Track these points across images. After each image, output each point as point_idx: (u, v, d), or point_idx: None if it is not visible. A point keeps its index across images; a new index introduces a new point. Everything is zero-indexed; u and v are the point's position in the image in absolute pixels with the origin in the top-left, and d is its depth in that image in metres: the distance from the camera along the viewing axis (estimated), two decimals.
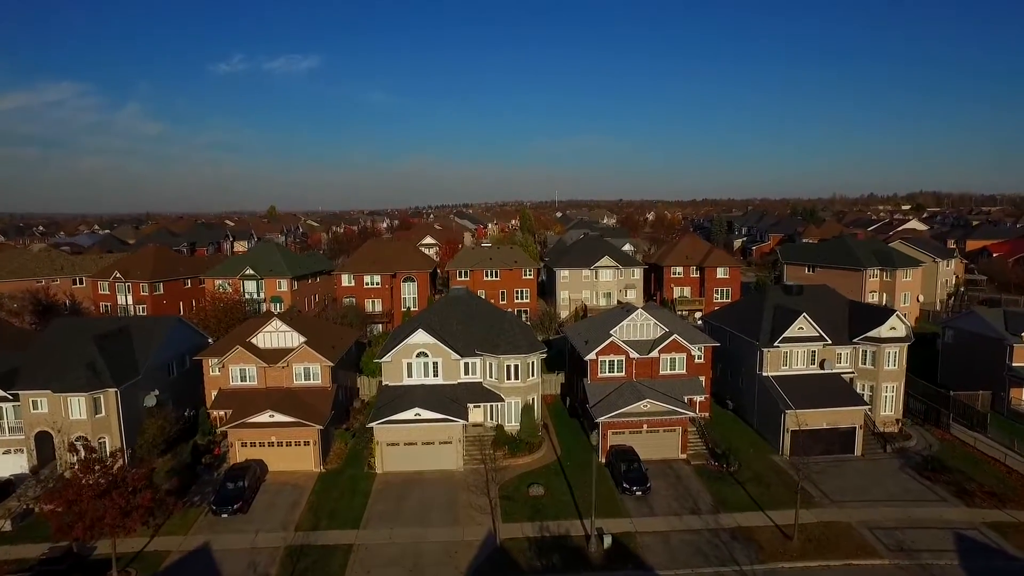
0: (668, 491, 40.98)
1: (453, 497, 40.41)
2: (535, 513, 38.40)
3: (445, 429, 43.69)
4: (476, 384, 48.19)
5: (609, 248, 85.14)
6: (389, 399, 45.70)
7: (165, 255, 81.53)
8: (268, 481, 42.50)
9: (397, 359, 47.65)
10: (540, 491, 40.65)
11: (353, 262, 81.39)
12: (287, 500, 40.11)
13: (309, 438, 43.53)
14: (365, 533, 36.63)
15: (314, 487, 41.81)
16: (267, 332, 48.37)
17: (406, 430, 43.52)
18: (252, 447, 43.60)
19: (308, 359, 47.17)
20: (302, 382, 47.52)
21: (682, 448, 45.71)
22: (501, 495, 40.01)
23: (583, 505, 39.15)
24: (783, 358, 48.92)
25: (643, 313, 49.86)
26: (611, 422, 44.57)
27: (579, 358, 51.79)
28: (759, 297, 54.62)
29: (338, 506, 39.42)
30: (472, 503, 39.34)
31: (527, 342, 48.11)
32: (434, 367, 48.10)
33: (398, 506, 39.35)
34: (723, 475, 42.90)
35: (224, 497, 38.42)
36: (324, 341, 49.91)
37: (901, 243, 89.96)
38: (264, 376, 47.27)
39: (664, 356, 48.82)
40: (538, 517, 37.97)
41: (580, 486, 41.63)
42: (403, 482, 42.22)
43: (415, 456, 43.78)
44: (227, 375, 47.40)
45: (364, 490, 41.35)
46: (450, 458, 44.04)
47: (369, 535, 36.44)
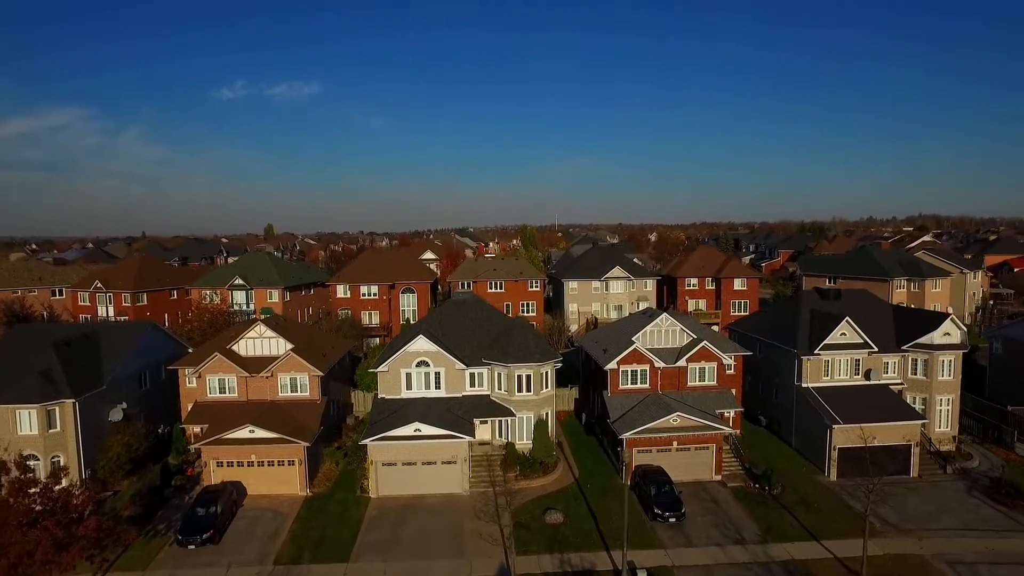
0: (705, 517, 35.55)
1: (458, 525, 34.94)
2: (554, 544, 32.95)
3: (448, 447, 38.34)
4: (483, 397, 42.96)
5: (620, 258, 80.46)
6: (385, 414, 40.43)
7: (150, 264, 76.67)
8: (246, 506, 36.99)
9: (395, 369, 42.50)
10: (558, 518, 35.22)
11: (349, 272, 76.51)
12: (267, 528, 34.61)
13: (294, 457, 38.15)
14: (356, 567, 31.14)
15: (298, 513, 36.29)
16: (250, 339, 43.26)
17: (404, 448, 38.18)
18: (229, 467, 38.16)
19: (295, 368, 41.99)
20: (288, 394, 42.26)
21: (716, 468, 40.33)
22: (514, 523, 34.58)
23: (609, 534, 33.76)
24: (824, 368, 43.83)
25: (668, 317, 44.90)
26: (636, 439, 39.28)
27: (596, 369, 46.66)
28: (791, 303, 49.78)
29: (325, 535, 33.92)
30: (480, 532, 33.89)
31: (540, 350, 43.03)
32: (436, 378, 42.92)
33: (395, 535, 33.86)
34: (765, 499, 37.49)
35: (192, 525, 32.91)
36: (314, 349, 44.79)
37: (925, 254, 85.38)
38: (246, 387, 42.02)
39: (692, 366, 43.72)
40: (557, 548, 32.52)
41: (604, 512, 36.23)
42: (401, 508, 36.77)
43: (414, 478, 38.36)
44: (204, 386, 42.14)
45: (356, 517, 35.87)
46: (454, 480, 38.62)
47: (360, 569, 30.95)
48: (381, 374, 42.65)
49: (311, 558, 31.80)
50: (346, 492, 38.82)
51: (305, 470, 38.30)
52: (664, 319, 44.78)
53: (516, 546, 32.39)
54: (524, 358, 41.70)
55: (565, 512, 35.83)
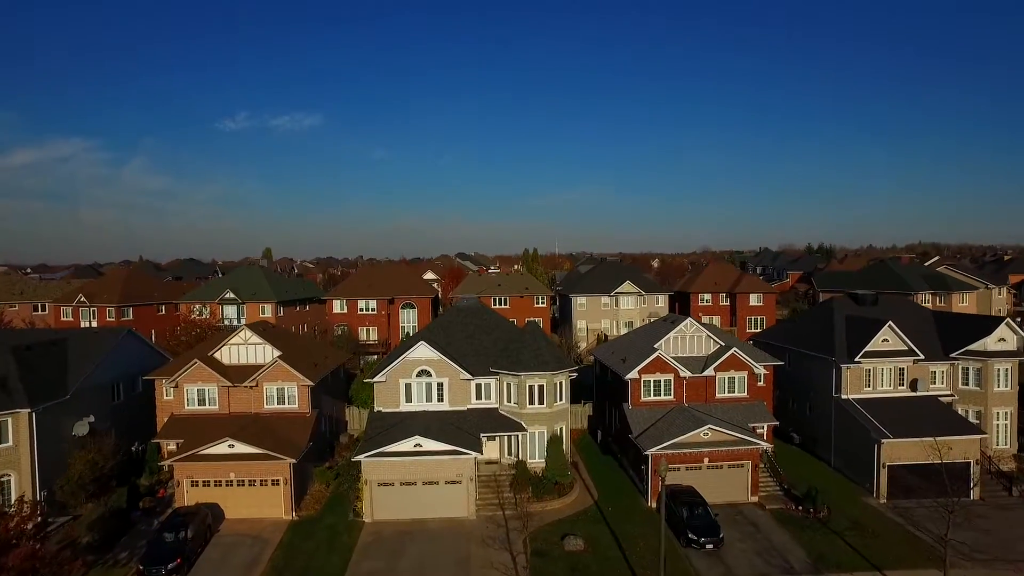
0: (745, 543, 31.03)
1: (464, 553, 30.41)
2: (575, 573, 28.42)
3: (453, 465, 33.96)
4: (491, 411, 38.71)
5: (630, 273, 76.72)
6: (382, 428, 36.13)
7: (138, 279, 72.84)
8: (222, 531, 32.44)
9: (393, 379, 38.33)
10: (579, 544, 30.69)
11: (346, 287, 72.65)
12: (244, 556, 30.04)
13: (279, 475, 33.72)
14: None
15: (282, 539, 31.73)
16: (233, 345, 39.19)
17: (403, 465, 33.79)
18: (205, 487, 33.70)
19: (283, 378, 37.81)
20: (275, 407, 37.99)
21: (752, 488, 35.85)
22: (528, 550, 30.13)
23: (638, 563, 29.28)
24: (865, 377, 39.68)
25: (693, 323, 40.90)
26: (663, 455, 34.88)
27: (613, 382, 42.50)
28: (823, 309, 45.84)
29: (311, 564, 29.37)
30: (490, 561, 29.35)
31: (553, 358, 38.92)
32: (439, 389, 38.73)
33: (391, 565, 29.32)
34: (810, 522, 32.97)
35: (157, 553, 28.34)
36: (304, 358, 40.68)
37: (947, 268, 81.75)
38: (228, 399, 37.79)
39: (721, 375, 39.56)
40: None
41: (629, 537, 31.71)
42: (398, 534, 32.24)
43: (414, 500, 33.89)
44: (181, 397, 37.91)
45: (347, 544, 31.32)
46: (459, 502, 34.13)
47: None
48: (378, 385, 38.46)
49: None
50: (337, 516, 34.30)
51: (291, 491, 33.83)
52: (689, 324, 40.78)
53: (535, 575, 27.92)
54: (536, 366, 37.57)
55: (586, 538, 31.29)
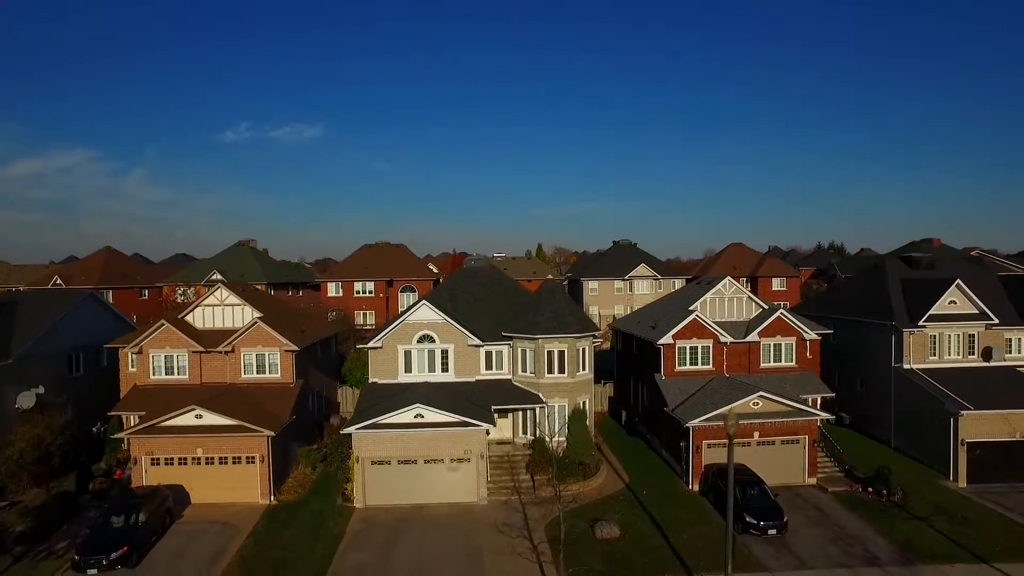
0: (811, 530, 25.61)
1: (474, 542, 24.96)
2: (612, 566, 22.96)
3: (461, 439, 28.58)
4: (503, 382, 33.37)
5: (645, 256, 71.58)
6: (377, 400, 30.80)
7: (119, 260, 67.57)
8: (185, 518, 27.02)
9: (391, 345, 33.04)
10: (613, 531, 25.24)
11: (342, 268, 67.46)
12: (209, 546, 24.59)
13: (255, 452, 28.32)
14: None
15: (256, 527, 26.29)
16: (207, 306, 33.94)
17: (401, 440, 28.40)
18: (168, 466, 28.28)
19: (264, 342, 32.50)
20: (254, 376, 32.67)
21: (810, 468, 30.46)
22: (550, 538, 24.77)
23: (687, 552, 23.86)
24: (930, 344, 34.42)
25: (732, 283, 35.69)
26: (707, 428, 29.55)
27: (639, 355, 37.27)
28: (874, 274, 40.60)
29: (288, 557, 23.92)
30: (505, 550, 23.98)
31: (576, 319, 33.63)
32: (443, 357, 33.42)
33: (385, 557, 23.89)
34: (885, 507, 27.58)
35: (99, 540, 22.89)
36: (289, 323, 35.43)
37: (980, 253, 76.56)
38: (199, 366, 32.47)
39: (766, 341, 34.30)
40: (619, 572, 22.57)
41: (671, 523, 26.30)
42: (395, 520, 26.82)
43: (414, 481, 28.50)
44: (146, 365, 32.58)
45: (333, 532, 25.89)
46: (467, 484, 28.72)
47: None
48: (374, 354, 33.15)
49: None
50: (323, 501, 28.87)
51: (269, 471, 28.41)
52: (727, 284, 35.57)
53: (561, 570, 22.48)
54: (556, 329, 32.29)
55: (621, 524, 25.88)
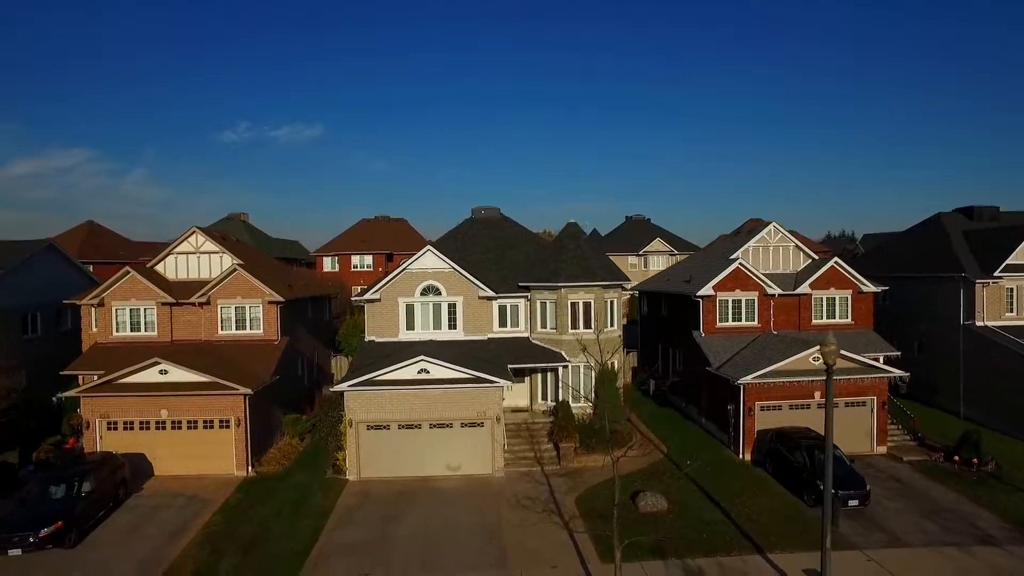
0: (895, 502, 21.02)
1: (491, 518, 20.39)
2: (665, 542, 18.39)
3: (473, 399, 24.00)
4: (519, 340, 28.82)
5: (660, 231, 67.04)
6: (374, 359, 26.20)
7: (101, 235, 62.88)
8: (146, 491, 22.44)
9: (390, 298, 28.47)
10: (660, 504, 20.66)
11: (338, 242, 62.83)
12: (169, 522, 20.00)
13: (230, 413, 23.72)
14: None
15: (228, 501, 21.69)
16: (181, 254, 29.35)
17: (403, 399, 23.81)
18: (128, 431, 23.69)
19: (244, 293, 27.92)
20: (232, 331, 28.08)
21: (879, 435, 25.92)
22: (585, 513, 20.28)
23: (753, 527, 19.29)
24: (1007, 299, 29.91)
25: (779, 229, 31.15)
26: (761, 387, 25.01)
27: (671, 316, 32.79)
28: (928, 228, 36.07)
29: (265, 534, 19.34)
30: (531, 527, 19.44)
31: (602, 266, 29.08)
32: (451, 313, 28.85)
33: (383, 534, 19.30)
34: (980, 478, 23.00)
35: (28, 514, 18.34)
36: (274, 274, 30.89)
37: None
38: (170, 321, 27.88)
39: (818, 295, 29.77)
40: (674, 551, 17.98)
41: (727, 495, 21.71)
42: (395, 494, 22.23)
43: (417, 449, 23.89)
44: (108, 321, 27.99)
45: (320, 507, 21.30)
46: (480, 453, 24.11)
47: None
48: (371, 308, 28.59)
49: (231, 570, 17.22)
50: (310, 473, 24.28)
51: (246, 437, 23.81)
52: (773, 231, 31.03)
53: (602, 549, 17.94)
54: (582, 276, 27.72)
55: (667, 496, 21.30)
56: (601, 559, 17.52)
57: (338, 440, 24.43)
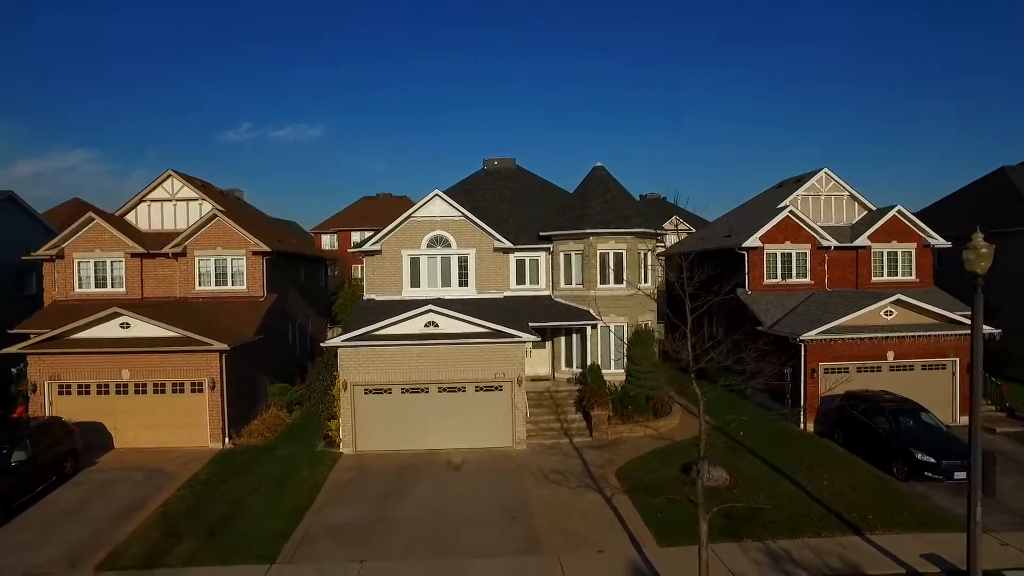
0: (1010, 477, 17.05)
1: (517, 494, 16.50)
2: (733, 520, 14.50)
3: (491, 357, 20.12)
4: (540, 298, 24.96)
5: (675, 208, 63.04)
6: (374, 316, 22.32)
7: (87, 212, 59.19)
8: (101, 464, 18.63)
9: (393, 250, 24.60)
10: (720, 477, 16.74)
11: (337, 219, 58.97)
12: (122, 499, 16.14)
13: (203, 375, 19.86)
14: (291, 570, 12.75)
15: (197, 475, 17.79)
16: (154, 201, 25.55)
17: (407, 358, 19.93)
18: (83, 395, 19.85)
19: (225, 242, 24.05)
20: (212, 287, 24.23)
21: (962, 401, 22.01)
22: (631, 488, 16.46)
23: (835, 502, 15.46)
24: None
25: (831, 176, 27.28)
26: (826, 345, 21.14)
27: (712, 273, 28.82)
28: (989, 182, 32.18)
29: (238, 513, 15.47)
30: (564, 505, 15.63)
31: (637, 212, 25.21)
32: (461, 267, 24.98)
33: (382, 513, 15.45)
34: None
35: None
36: (261, 226, 27.12)
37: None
38: (140, 275, 24.05)
39: (878, 248, 25.93)
40: (749, 532, 14.10)
41: (796, 468, 17.77)
42: (397, 469, 18.37)
43: (423, 418, 20.00)
44: (70, 274, 24.18)
45: (307, 483, 17.42)
46: (498, 423, 20.22)
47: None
48: (371, 261, 24.73)
49: (189, 555, 13.36)
50: (297, 446, 20.41)
51: (222, 402, 19.95)
52: (824, 178, 27.16)
53: (656, 529, 14.11)
54: (613, 222, 23.86)
55: (726, 466, 17.43)
56: (659, 541, 13.66)
57: (330, 407, 20.57)
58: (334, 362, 20.54)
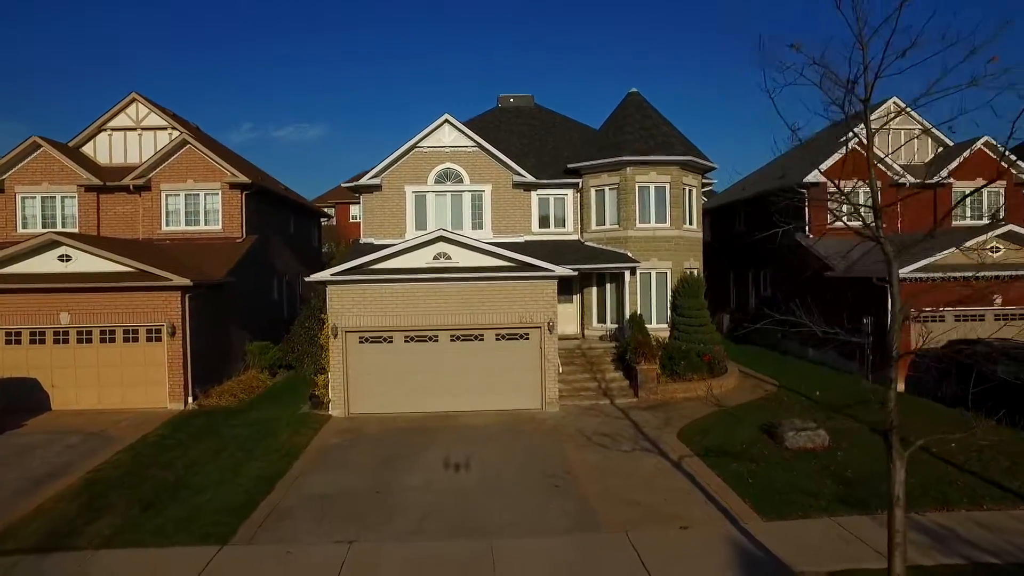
0: None
1: (555, 461, 12.57)
2: (849, 488, 10.54)
3: (515, 296, 16.11)
4: (568, 242, 20.98)
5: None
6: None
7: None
8: (27, 428, 14.61)
9: (395, 186, 20.61)
10: (818, 438, 12.74)
11: (337, 191, 55.09)
12: (43, 466, 12.07)
13: (160, 319, 15.87)
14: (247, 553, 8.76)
15: (146, 437, 13.77)
16: (116, 130, 21.53)
17: (412, 297, 15.90)
18: (12, 345, 15.88)
19: (198, 173, 20.00)
20: (182, 227, 20.21)
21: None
22: (703, 451, 12.52)
23: (991, 471, 11.47)
24: None
25: (899, 103, 23.30)
26: (919, 286, 17.18)
27: (757, 226, 25.00)
28: None
29: (189, 482, 11.50)
30: (619, 472, 11.70)
31: (680, 141, 21.20)
32: (475, 206, 20.98)
33: (380, 482, 11.46)
34: None
35: None
36: (240, 163, 23.08)
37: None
38: (96, 213, 20.09)
39: (960, 186, 22.00)
40: (879, 501, 10.09)
41: (908, 429, 13.85)
42: (399, 432, 14.41)
43: (432, 373, 16.03)
44: (11, 212, 20.20)
45: (284, 448, 13.38)
46: (526, 377, 16.18)
47: (257, 565, 8.59)
48: (369, 200, 20.75)
49: (110, 535, 9.38)
50: (277, 409, 16.42)
51: (184, 353, 15.98)
52: (892, 106, 23.20)
53: (756, 499, 10.18)
54: (654, 149, 19.88)
55: (824, 427, 13.46)
56: (762, 514, 9.69)
57: (318, 360, 16.62)
58: (323, 306, 16.58)
